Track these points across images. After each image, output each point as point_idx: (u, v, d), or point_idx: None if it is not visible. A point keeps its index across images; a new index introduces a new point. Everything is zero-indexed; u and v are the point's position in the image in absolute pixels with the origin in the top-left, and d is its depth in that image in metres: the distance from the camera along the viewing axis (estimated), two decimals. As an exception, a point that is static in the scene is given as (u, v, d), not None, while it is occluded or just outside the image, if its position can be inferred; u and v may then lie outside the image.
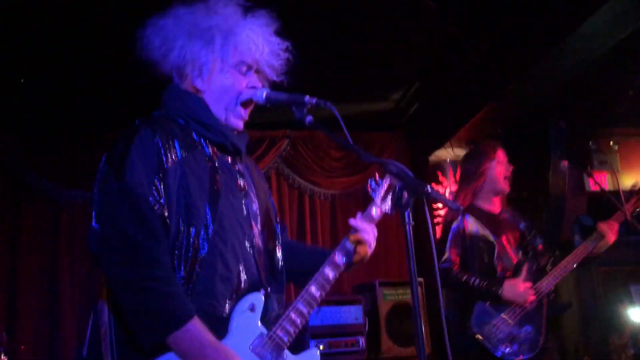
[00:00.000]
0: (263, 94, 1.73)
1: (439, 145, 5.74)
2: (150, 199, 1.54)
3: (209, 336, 1.50)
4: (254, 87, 1.78)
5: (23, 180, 5.25)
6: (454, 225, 3.22)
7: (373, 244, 1.83)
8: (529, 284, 3.06)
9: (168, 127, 1.68)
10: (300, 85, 1.78)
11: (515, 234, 3.29)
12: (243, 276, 1.67)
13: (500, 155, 3.35)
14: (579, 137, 6.24)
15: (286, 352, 1.65)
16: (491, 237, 3.21)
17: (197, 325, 1.49)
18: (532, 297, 3.04)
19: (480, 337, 2.99)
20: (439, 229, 5.65)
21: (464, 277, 3.09)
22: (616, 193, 3.27)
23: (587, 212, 6.02)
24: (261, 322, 1.64)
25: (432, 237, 1.52)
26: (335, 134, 1.61)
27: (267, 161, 5.84)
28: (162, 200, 1.55)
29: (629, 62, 4.91)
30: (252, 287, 1.68)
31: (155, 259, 1.50)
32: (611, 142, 6.60)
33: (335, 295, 5.23)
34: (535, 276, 3.14)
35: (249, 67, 1.80)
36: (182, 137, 1.68)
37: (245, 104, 1.79)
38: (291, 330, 1.65)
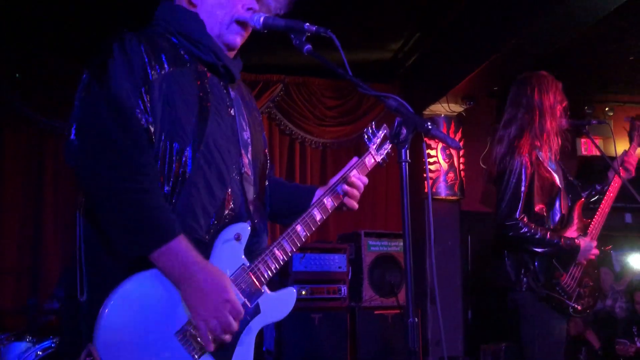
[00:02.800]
0: (261, 18, 1.64)
1: (435, 99, 5.66)
2: (137, 110, 1.45)
3: (195, 254, 1.45)
4: (251, 9, 1.69)
5: (8, 105, 5.11)
6: (519, 166, 2.94)
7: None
8: (594, 242, 2.99)
9: (156, 39, 1.58)
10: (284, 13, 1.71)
11: (560, 172, 3.12)
12: (229, 204, 1.61)
13: (559, 88, 3.14)
14: (575, 100, 6.20)
15: (265, 288, 1.62)
16: (550, 179, 3.01)
17: (183, 243, 1.44)
18: (597, 253, 2.99)
19: (554, 295, 2.88)
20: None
21: (538, 233, 2.87)
22: (611, 159, 3.23)
23: (576, 176, 6.05)
24: (245, 253, 1.60)
25: (427, 178, 1.47)
26: (334, 65, 1.53)
27: (259, 105, 5.73)
28: (148, 114, 1.48)
29: (633, 25, 4.82)
30: (239, 217, 1.63)
31: (142, 169, 1.43)
32: (606, 108, 6.57)
33: (320, 243, 5.25)
34: (585, 222, 3.07)
35: None
36: (171, 51, 1.59)
37: (241, 24, 1.69)
38: (272, 266, 1.63)
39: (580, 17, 3.88)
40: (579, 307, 2.90)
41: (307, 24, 1.56)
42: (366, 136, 1.95)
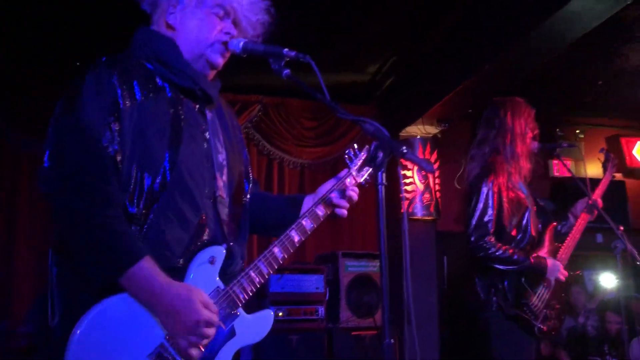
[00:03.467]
0: (240, 42, 1.68)
1: (411, 121, 5.75)
2: (104, 140, 1.49)
3: (161, 276, 1.46)
4: (228, 34, 1.72)
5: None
6: (488, 186, 3.00)
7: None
8: (562, 263, 3.05)
9: (130, 68, 1.61)
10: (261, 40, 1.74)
11: (529, 197, 3.18)
12: (203, 228, 1.62)
13: (531, 113, 3.22)
14: (547, 123, 6.35)
15: (240, 310, 1.63)
16: (520, 201, 3.07)
17: (148, 265, 1.46)
18: (566, 274, 3.03)
19: (521, 314, 2.92)
20: (405, 204, 5.69)
21: (505, 253, 2.92)
22: (582, 180, 3.31)
23: (549, 197, 6.17)
24: (220, 276, 1.61)
25: (403, 200, 1.50)
26: (312, 90, 1.57)
27: (237, 126, 5.75)
28: (115, 143, 1.50)
29: (600, 51, 4.99)
30: (214, 240, 1.63)
31: (106, 198, 1.46)
32: (577, 131, 6.75)
33: (298, 264, 5.24)
34: (556, 246, 3.13)
35: (226, 13, 1.73)
36: (145, 79, 1.61)
37: (224, 44, 1.72)
38: (248, 288, 1.63)
39: (550, 44, 4.01)
40: (544, 328, 2.95)
41: (286, 49, 1.60)
42: (347, 157, 1.96)
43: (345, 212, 1.89)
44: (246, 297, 1.62)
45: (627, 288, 3.18)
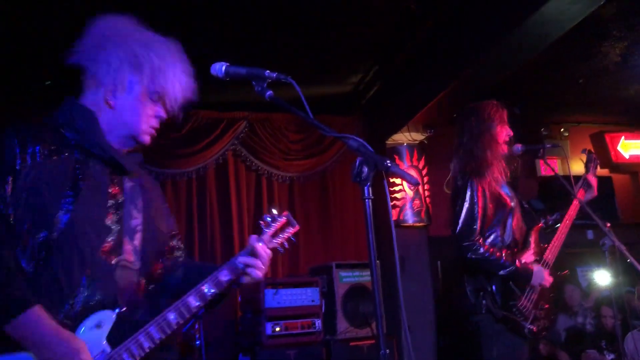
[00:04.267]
0: (223, 67, 1.69)
1: (396, 129, 5.79)
2: None
3: (50, 324, 1.53)
4: (159, 117, 1.87)
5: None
6: (471, 189, 3.05)
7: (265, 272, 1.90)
8: (548, 270, 3.07)
9: (39, 132, 1.70)
10: (259, 66, 1.75)
11: (514, 199, 3.21)
12: (92, 291, 1.64)
13: (503, 116, 3.24)
14: (531, 123, 6.42)
15: None
16: (504, 203, 3.11)
17: (36, 313, 1.52)
18: (550, 280, 3.05)
19: (510, 315, 2.93)
20: (395, 212, 5.71)
21: (493, 256, 2.95)
22: (567, 178, 3.35)
23: (538, 196, 6.23)
24: (109, 340, 1.64)
25: (390, 213, 1.52)
26: (297, 110, 1.59)
27: (224, 142, 5.77)
28: (7, 203, 1.59)
29: (579, 50, 5.06)
30: (104, 304, 1.66)
31: None
32: (562, 129, 6.83)
33: (292, 277, 5.25)
34: (542, 247, 3.16)
35: (161, 100, 1.87)
36: (53, 143, 1.70)
37: (154, 128, 1.87)
38: (136, 353, 1.66)
39: (528, 45, 4.06)
40: (534, 329, 2.97)
41: (268, 71, 1.62)
42: (263, 223, 1.98)
43: (258, 274, 1.89)
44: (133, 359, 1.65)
45: (619, 284, 3.21)
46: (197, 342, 4.55)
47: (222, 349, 5.09)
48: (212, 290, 1.81)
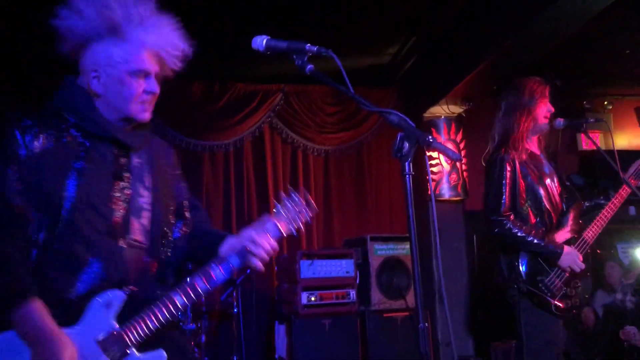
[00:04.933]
0: (263, 41, 1.70)
1: (434, 102, 5.71)
2: (7, 192, 1.63)
3: (46, 321, 1.56)
4: (150, 92, 1.78)
5: None
6: (502, 163, 3.03)
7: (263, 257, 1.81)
8: (581, 256, 3.03)
9: (40, 118, 1.72)
10: (295, 37, 1.74)
11: (554, 175, 3.19)
12: (101, 270, 1.68)
13: (545, 93, 3.19)
14: (573, 96, 6.25)
15: (131, 350, 1.67)
16: (539, 178, 3.10)
17: (33, 308, 1.56)
18: (582, 267, 3.00)
19: (535, 291, 2.93)
20: (432, 185, 5.68)
21: (520, 232, 2.95)
22: (610, 152, 3.27)
23: (578, 172, 6.09)
24: (118, 318, 1.67)
25: (431, 189, 1.52)
26: (337, 84, 1.59)
27: (260, 115, 5.80)
28: (13, 189, 1.63)
29: (625, 20, 4.87)
30: (113, 284, 1.68)
31: (11, 237, 1.60)
32: (605, 102, 6.62)
33: (327, 249, 5.30)
34: (581, 225, 3.13)
35: (147, 73, 1.78)
36: (53, 127, 1.72)
37: (143, 101, 1.79)
38: (142, 330, 1.67)
39: (572, 17, 3.93)
40: (562, 305, 2.94)
41: (309, 44, 1.62)
42: (280, 204, 1.89)
43: (258, 263, 1.81)
44: (139, 339, 1.67)
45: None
46: (235, 310, 4.68)
47: (259, 317, 5.21)
48: (204, 287, 1.76)
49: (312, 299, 4.63)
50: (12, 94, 4.99)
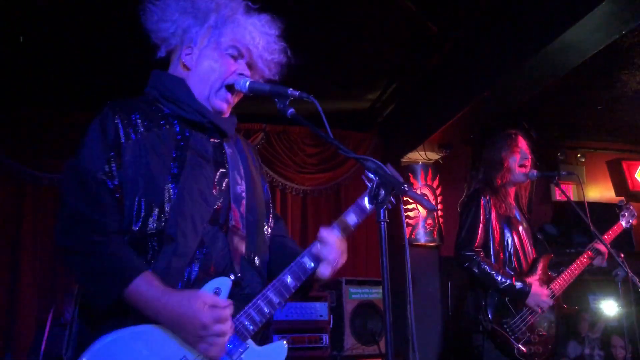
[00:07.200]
0: (247, 82, 1.73)
1: (412, 148, 5.79)
2: (100, 173, 1.58)
3: (155, 289, 1.50)
4: (241, 74, 1.78)
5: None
6: (478, 202, 3.16)
7: (339, 259, 1.78)
8: (548, 292, 3.08)
9: (137, 107, 1.71)
10: (278, 81, 1.79)
11: (527, 225, 3.30)
12: (205, 255, 1.64)
13: (517, 144, 3.33)
14: (548, 147, 6.40)
15: (250, 342, 1.62)
16: (513, 225, 3.20)
17: (144, 281, 1.50)
18: (550, 303, 3.06)
19: (500, 330, 2.96)
20: (407, 230, 5.71)
21: (489, 268, 3.01)
22: (581, 204, 3.35)
23: (552, 221, 6.18)
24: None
25: (405, 237, 1.53)
26: (316, 128, 1.61)
27: (240, 153, 5.80)
28: (115, 177, 1.59)
29: (599, 77, 5.05)
30: (220, 270, 1.65)
31: (96, 226, 1.53)
32: (578, 154, 6.78)
33: (301, 291, 5.24)
34: (550, 276, 3.18)
35: (241, 54, 1.81)
36: (151, 116, 1.71)
37: (230, 88, 1.79)
38: (257, 319, 1.63)
39: (548, 71, 4.07)
40: (524, 350, 2.96)
41: (291, 89, 1.64)
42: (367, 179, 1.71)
43: (326, 269, 1.76)
44: (255, 328, 1.62)
45: (630, 315, 3.19)
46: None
47: None
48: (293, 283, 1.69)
49: (285, 342, 4.54)
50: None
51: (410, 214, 5.73)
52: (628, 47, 4.52)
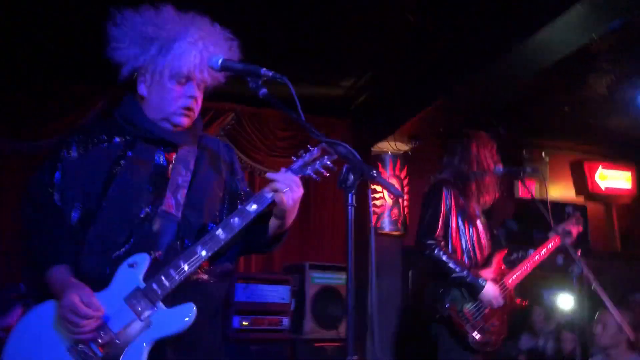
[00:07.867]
0: (219, 60, 1.71)
1: (382, 137, 5.83)
2: (47, 187, 1.89)
3: (65, 280, 1.76)
4: (191, 97, 1.92)
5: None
6: (440, 193, 3.24)
7: (293, 194, 1.99)
8: (501, 291, 3.16)
9: (94, 130, 1.97)
10: (253, 61, 1.78)
11: (484, 220, 3.39)
12: (134, 241, 1.83)
13: (483, 140, 3.42)
14: (514, 144, 6.52)
15: (159, 303, 1.76)
16: (471, 218, 3.28)
17: (58, 272, 1.78)
18: (501, 303, 3.15)
19: (455, 317, 3.04)
20: (373, 218, 5.76)
21: (448, 258, 3.10)
22: (543, 202, 3.43)
23: (513, 217, 6.32)
24: (146, 278, 1.78)
25: (371, 222, 1.55)
26: (289, 109, 1.61)
27: (209, 133, 5.74)
28: (55, 187, 1.89)
29: (567, 79, 5.16)
30: (142, 249, 1.81)
31: (36, 224, 1.86)
32: (543, 153, 6.94)
33: (264, 274, 5.26)
34: (503, 270, 3.26)
35: (188, 78, 1.91)
36: (105, 132, 1.95)
37: (186, 109, 1.94)
38: (167, 283, 1.76)
39: (520, 70, 4.15)
40: (478, 337, 3.05)
41: (264, 69, 1.64)
42: (295, 156, 2.08)
43: (281, 196, 2.00)
44: (164, 292, 1.77)
45: (583, 310, 3.30)
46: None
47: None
48: (238, 221, 1.88)
49: (245, 323, 4.55)
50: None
51: (377, 202, 5.79)
52: (597, 53, 4.63)
